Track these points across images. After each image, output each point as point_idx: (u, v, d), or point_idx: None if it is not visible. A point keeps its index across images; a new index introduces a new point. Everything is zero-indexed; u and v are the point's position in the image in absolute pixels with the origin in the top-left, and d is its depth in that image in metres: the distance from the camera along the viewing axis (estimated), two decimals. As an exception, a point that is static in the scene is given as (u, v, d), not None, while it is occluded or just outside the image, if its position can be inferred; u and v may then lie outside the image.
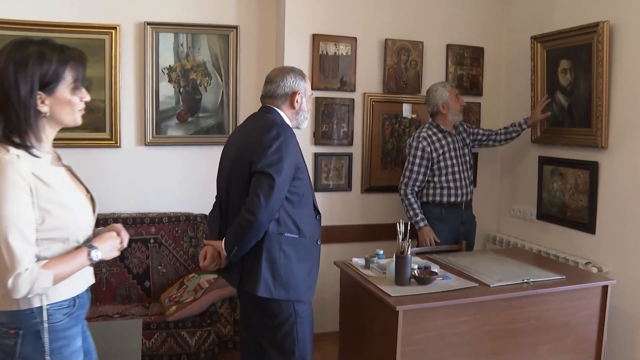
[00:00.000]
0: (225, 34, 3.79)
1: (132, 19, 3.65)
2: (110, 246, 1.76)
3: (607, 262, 3.27)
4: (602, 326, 2.89)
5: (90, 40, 3.55)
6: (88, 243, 1.71)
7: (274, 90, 2.47)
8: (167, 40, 3.70)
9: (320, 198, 3.80)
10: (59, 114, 1.66)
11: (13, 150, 1.58)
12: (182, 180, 3.85)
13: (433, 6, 3.97)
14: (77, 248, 1.68)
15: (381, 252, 3.01)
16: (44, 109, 1.62)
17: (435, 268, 2.86)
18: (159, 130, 3.75)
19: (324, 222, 3.79)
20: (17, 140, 1.59)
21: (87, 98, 1.73)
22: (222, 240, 2.34)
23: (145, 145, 3.73)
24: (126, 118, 3.70)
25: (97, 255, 1.70)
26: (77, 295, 1.73)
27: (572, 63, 3.46)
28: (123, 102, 3.68)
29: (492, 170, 4.27)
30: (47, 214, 1.60)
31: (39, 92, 1.60)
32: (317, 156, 3.79)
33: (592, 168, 3.35)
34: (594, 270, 3.23)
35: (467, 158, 3.67)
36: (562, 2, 3.60)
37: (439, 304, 2.52)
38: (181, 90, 3.76)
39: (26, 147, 1.60)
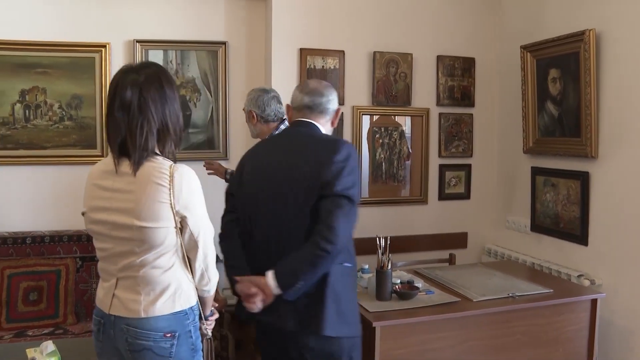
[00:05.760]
0: (214, 50, 3.81)
1: (121, 37, 3.67)
2: None
3: (600, 274, 3.20)
4: (593, 340, 2.83)
5: (81, 58, 3.58)
6: None
7: (324, 103, 2.19)
8: (156, 57, 3.72)
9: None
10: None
11: (166, 160, 1.72)
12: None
13: (422, 17, 3.95)
14: None
15: (366, 266, 2.97)
16: None
17: (419, 283, 2.82)
18: (149, 146, 3.76)
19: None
20: (169, 154, 1.76)
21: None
22: (258, 274, 2.00)
23: (136, 161, 3.74)
24: (117, 135, 3.72)
25: None
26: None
27: (561, 72, 3.41)
28: (113, 119, 3.70)
29: (487, 181, 4.21)
30: None
31: None
32: (306, 170, 3.76)
33: (583, 178, 3.29)
34: (587, 282, 3.16)
35: None
36: (551, 10, 3.56)
37: (419, 319, 2.48)
38: (171, 106, 3.77)
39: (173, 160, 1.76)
